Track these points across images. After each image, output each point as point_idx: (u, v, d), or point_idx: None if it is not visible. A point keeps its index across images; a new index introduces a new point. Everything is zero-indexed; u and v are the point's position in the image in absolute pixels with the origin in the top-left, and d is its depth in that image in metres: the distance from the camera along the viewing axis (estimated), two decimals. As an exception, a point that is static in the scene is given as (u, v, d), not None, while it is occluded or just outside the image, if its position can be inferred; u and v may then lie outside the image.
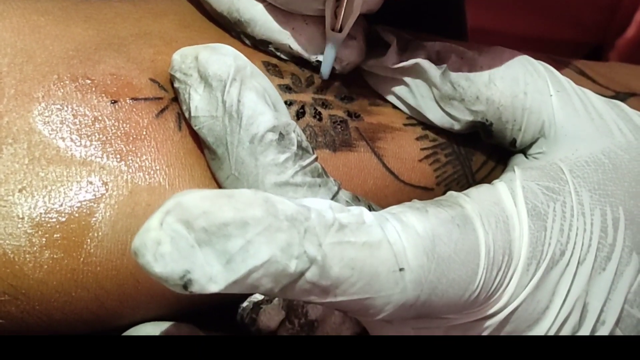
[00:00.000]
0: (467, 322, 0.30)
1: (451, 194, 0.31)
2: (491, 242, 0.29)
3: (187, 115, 0.32)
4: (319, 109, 0.34)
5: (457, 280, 0.28)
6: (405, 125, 0.36)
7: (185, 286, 0.24)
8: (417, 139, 0.35)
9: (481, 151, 0.36)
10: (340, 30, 0.33)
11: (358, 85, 0.36)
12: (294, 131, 0.31)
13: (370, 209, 0.32)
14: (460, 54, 0.34)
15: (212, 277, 0.24)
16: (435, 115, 0.35)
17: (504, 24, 0.67)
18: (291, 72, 0.35)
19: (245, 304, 0.33)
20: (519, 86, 0.33)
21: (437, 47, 0.35)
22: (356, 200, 0.32)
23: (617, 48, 0.66)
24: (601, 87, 0.41)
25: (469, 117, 0.34)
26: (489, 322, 0.30)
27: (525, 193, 0.31)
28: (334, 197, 0.31)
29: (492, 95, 0.33)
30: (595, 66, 0.42)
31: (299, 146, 0.31)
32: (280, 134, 0.30)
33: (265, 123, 0.30)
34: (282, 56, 0.35)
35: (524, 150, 0.35)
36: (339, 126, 0.34)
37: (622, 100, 0.40)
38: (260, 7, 0.34)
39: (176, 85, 0.32)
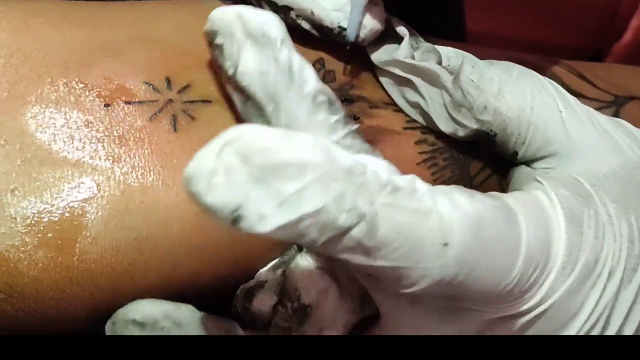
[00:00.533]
0: (496, 317, 0.29)
1: (493, 192, 0.31)
2: (532, 238, 0.29)
3: (230, 71, 0.31)
4: None
5: (495, 267, 0.28)
6: (404, 129, 0.36)
7: (234, 221, 0.23)
8: (416, 142, 0.35)
9: (480, 157, 0.36)
10: None
11: (359, 88, 0.36)
12: (339, 99, 0.31)
13: None
14: (471, 62, 0.34)
15: (263, 216, 0.24)
16: (441, 120, 0.35)
17: (504, 29, 0.67)
18: None
19: (237, 292, 0.33)
20: (526, 101, 0.33)
21: (449, 52, 0.35)
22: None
23: (615, 53, 0.66)
24: (601, 90, 0.41)
25: (474, 125, 0.34)
26: (519, 321, 0.30)
27: (560, 199, 0.31)
28: None
29: (500, 106, 0.33)
30: (595, 69, 0.42)
31: (347, 115, 0.31)
32: (329, 99, 0.30)
33: (317, 85, 0.30)
34: (303, 25, 0.35)
35: (527, 163, 0.35)
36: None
37: (622, 104, 0.40)
38: None
39: (218, 41, 0.31)
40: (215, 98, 0.33)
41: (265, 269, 0.33)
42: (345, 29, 0.34)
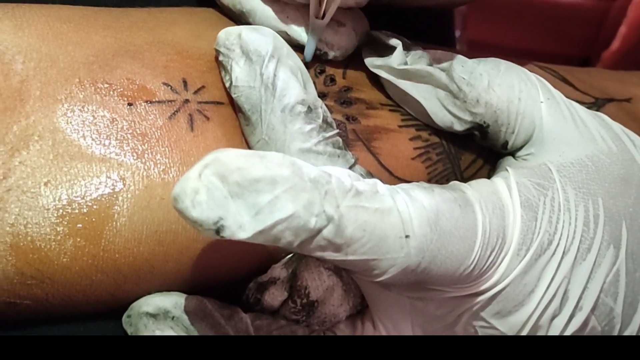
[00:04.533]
0: (459, 295, 0.32)
1: (454, 182, 0.34)
2: (487, 224, 0.32)
3: (227, 85, 0.35)
4: None
5: (455, 253, 0.31)
6: (399, 127, 0.38)
7: (217, 231, 0.27)
8: (411, 139, 0.38)
9: (470, 151, 0.39)
10: (323, 17, 0.36)
11: (357, 91, 0.39)
12: (320, 107, 0.34)
13: None
14: (461, 61, 0.37)
15: (242, 225, 0.27)
16: (438, 115, 0.37)
17: (497, 38, 0.69)
18: None
19: (251, 284, 0.35)
20: (514, 92, 0.36)
21: (438, 54, 0.38)
22: (369, 175, 0.35)
23: (604, 60, 0.68)
24: (582, 93, 0.43)
25: (469, 118, 0.36)
26: (479, 298, 0.32)
27: (519, 187, 0.33)
28: (350, 169, 0.34)
29: (490, 99, 0.36)
30: (576, 72, 0.45)
31: (324, 120, 0.34)
32: (309, 107, 0.33)
33: (296, 96, 0.33)
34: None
35: (513, 153, 0.37)
36: (337, 129, 0.37)
37: (601, 105, 0.43)
38: None
39: (220, 58, 0.35)
40: (227, 101, 0.36)
41: (278, 265, 0.35)
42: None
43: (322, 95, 0.37)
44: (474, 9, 0.63)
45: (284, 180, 0.28)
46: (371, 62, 0.38)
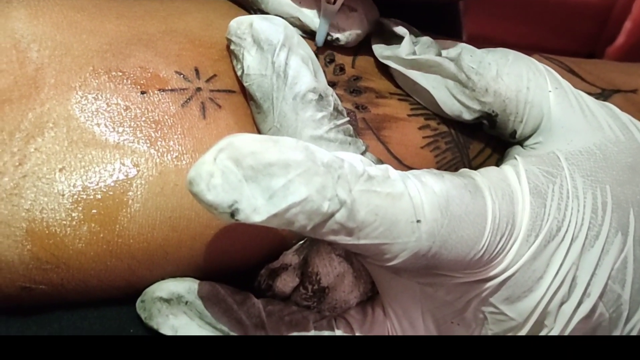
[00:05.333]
0: (469, 281, 0.33)
1: (463, 169, 0.35)
2: (497, 210, 0.32)
3: (239, 73, 0.35)
4: None
5: (465, 238, 0.31)
6: (409, 116, 0.38)
7: (232, 214, 0.27)
8: (420, 128, 0.38)
9: (478, 140, 0.39)
10: (334, 2, 0.36)
11: (367, 80, 0.39)
12: (331, 95, 0.34)
13: None
14: (469, 51, 0.37)
15: (256, 208, 0.28)
16: (447, 104, 0.37)
17: (502, 33, 0.70)
18: None
19: (263, 270, 0.35)
20: (523, 82, 0.36)
21: (447, 44, 0.38)
22: (380, 162, 0.35)
23: (608, 55, 0.68)
24: (588, 84, 0.43)
25: (477, 107, 0.37)
26: (488, 284, 0.33)
27: (528, 174, 0.34)
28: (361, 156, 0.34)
29: (499, 88, 0.36)
30: (583, 64, 0.45)
31: (335, 108, 0.34)
32: (320, 95, 0.34)
33: (307, 84, 0.33)
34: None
35: (521, 142, 0.38)
36: (348, 117, 0.37)
37: (608, 96, 0.43)
38: None
39: (232, 47, 0.35)
40: (238, 89, 0.36)
41: (289, 252, 0.35)
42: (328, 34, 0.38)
43: (332, 84, 0.38)
44: (477, 5, 0.63)
45: (297, 164, 0.28)
46: (380, 52, 0.39)
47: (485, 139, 0.39)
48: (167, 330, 0.33)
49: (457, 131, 0.39)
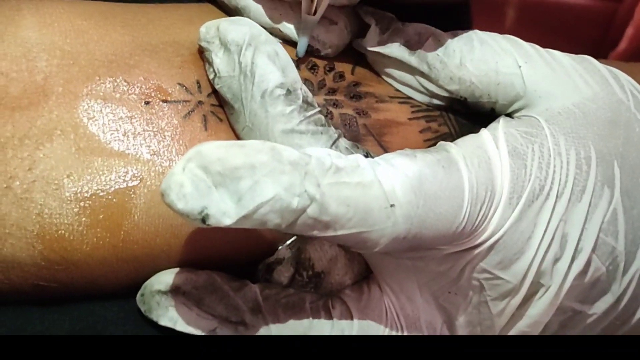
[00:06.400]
0: (458, 251, 0.33)
1: (440, 143, 0.35)
2: (474, 180, 0.32)
3: (211, 77, 0.36)
4: (331, 108, 0.38)
5: (444, 214, 0.31)
6: (409, 119, 0.39)
7: (203, 220, 0.28)
8: (421, 131, 0.39)
9: None
10: (314, 14, 0.37)
11: (366, 85, 0.39)
12: (300, 88, 0.35)
13: (367, 155, 0.35)
14: (437, 37, 0.38)
15: (225, 212, 0.28)
16: (415, 93, 0.39)
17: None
18: (304, 78, 0.38)
19: (260, 266, 0.36)
20: (489, 65, 0.37)
21: (418, 28, 0.39)
22: (355, 147, 0.36)
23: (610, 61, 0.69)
24: None
25: (445, 94, 0.38)
26: (477, 250, 0.33)
27: (507, 137, 0.34)
28: (334, 143, 0.35)
29: (463, 75, 0.37)
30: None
31: (304, 100, 0.35)
32: (288, 90, 0.34)
33: (274, 80, 0.34)
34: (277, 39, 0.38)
35: (503, 114, 0.38)
36: (348, 123, 0.38)
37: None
38: None
39: (204, 53, 0.36)
40: None
41: (283, 246, 0.36)
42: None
43: (332, 91, 0.38)
44: (479, 10, 0.64)
45: (263, 165, 0.29)
46: (356, 42, 0.40)
47: None
48: (166, 322, 0.34)
49: (458, 132, 0.39)
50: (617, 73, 0.37)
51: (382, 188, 0.30)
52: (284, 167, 0.29)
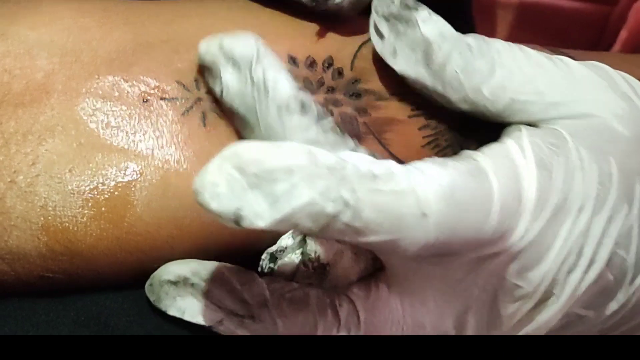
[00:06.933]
0: (480, 257, 0.33)
1: (466, 151, 0.35)
2: (503, 189, 0.33)
3: (219, 94, 0.36)
4: (330, 107, 0.38)
5: (473, 223, 0.32)
6: (409, 117, 0.39)
7: (236, 221, 0.28)
8: (420, 128, 0.39)
9: (480, 136, 0.39)
10: None
11: (366, 82, 0.39)
12: (312, 101, 0.35)
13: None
14: (459, 49, 0.36)
15: (259, 214, 0.28)
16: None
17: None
18: (303, 77, 0.38)
19: (263, 255, 0.36)
20: (506, 94, 0.36)
21: (446, 33, 0.37)
22: (373, 156, 0.35)
23: (605, 63, 0.69)
24: None
25: (457, 110, 0.37)
26: (499, 258, 0.33)
27: (533, 147, 0.34)
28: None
29: (477, 100, 0.36)
30: (589, 55, 0.44)
31: (317, 111, 0.35)
32: (301, 101, 0.34)
33: (288, 93, 0.34)
34: None
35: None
36: (348, 122, 0.38)
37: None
38: None
39: (207, 70, 0.36)
40: None
41: (286, 235, 0.36)
42: None
43: (331, 89, 0.38)
44: (475, 13, 0.64)
45: (300, 169, 0.28)
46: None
47: (486, 134, 0.39)
48: (174, 312, 0.34)
49: (458, 128, 0.40)
50: (631, 80, 0.37)
51: (415, 196, 0.30)
52: (320, 171, 0.29)
